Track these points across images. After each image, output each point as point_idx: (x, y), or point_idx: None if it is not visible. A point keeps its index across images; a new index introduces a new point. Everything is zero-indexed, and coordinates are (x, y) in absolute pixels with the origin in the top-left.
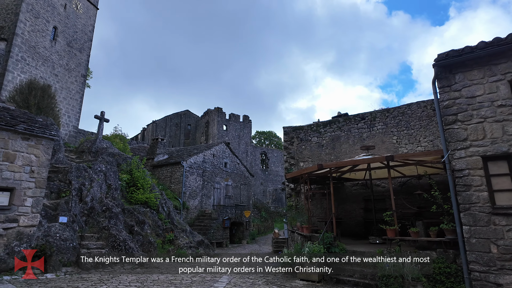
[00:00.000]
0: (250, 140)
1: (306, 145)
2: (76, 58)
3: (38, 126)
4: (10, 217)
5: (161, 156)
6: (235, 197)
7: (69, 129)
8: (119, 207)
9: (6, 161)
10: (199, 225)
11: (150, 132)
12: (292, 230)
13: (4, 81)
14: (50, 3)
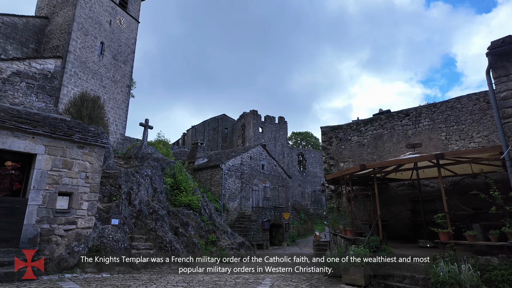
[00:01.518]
0: (286, 141)
1: (346, 144)
2: (121, 70)
3: (91, 135)
4: (69, 220)
5: (201, 160)
6: (273, 199)
7: (117, 136)
8: (164, 210)
9: (65, 168)
10: (239, 227)
11: (189, 137)
12: (334, 233)
13: (60, 95)
14: (97, 21)
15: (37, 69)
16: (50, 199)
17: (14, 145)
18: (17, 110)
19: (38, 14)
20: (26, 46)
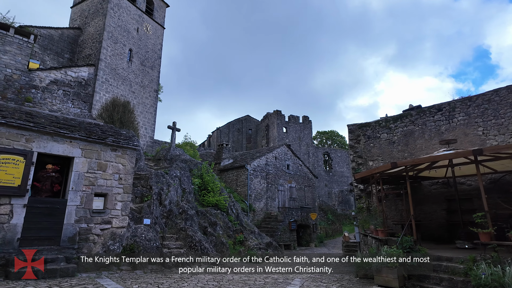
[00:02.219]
0: (311, 141)
1: (375, 142)
2: (149, 76)
3: (123, 138)
4: (105, 219)
5: (227, 161)
6: (300, 199)
7: (146, 139)
8: (193, 210)
9: (99, 170)
10: (265, 227)
11: (215, 138)
12: (365, 233)
13: (93, 101)
14: (126, 29)
15: (72, 77)
16: (87, 199)
17: (53, 149)
18: (55, 116)
19: (71, 26)
20: (62, 56)
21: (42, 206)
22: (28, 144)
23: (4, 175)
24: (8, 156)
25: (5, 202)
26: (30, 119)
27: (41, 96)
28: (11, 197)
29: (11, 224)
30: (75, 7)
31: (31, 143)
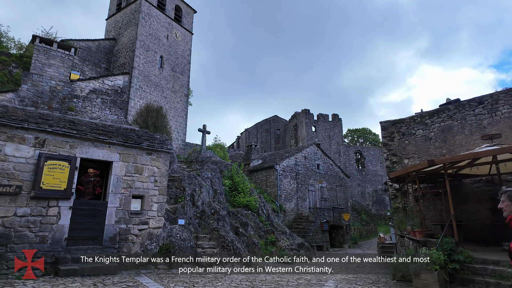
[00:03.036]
0: (341, 139)
1: (410, 139)
2: (179, 81)
3: (157, 142)
4: (142, 220)
5: (256, 162)
6: (331, 200)
7: (178, 142)
8: (224, 210)
9: (136, 173)
10: (297, 228)
11: (243, 139)
12: (401, 234)
13: (129, 107)
14: (156, 36)
15: (109, 85)
16: (125, 201)
17: (94, 154)
18: (95, 124)
19: (107, 37)
20: (99, 66)
21: (86, 208)
22: (72, 150)
23: (52, 179)
24: (55, 162)
25: (53, 204)
26: (73, 127)
27: (82, 104)
28: (59, 200)
29: (59, 224)
30: (109, 19)
31: (74, 149)
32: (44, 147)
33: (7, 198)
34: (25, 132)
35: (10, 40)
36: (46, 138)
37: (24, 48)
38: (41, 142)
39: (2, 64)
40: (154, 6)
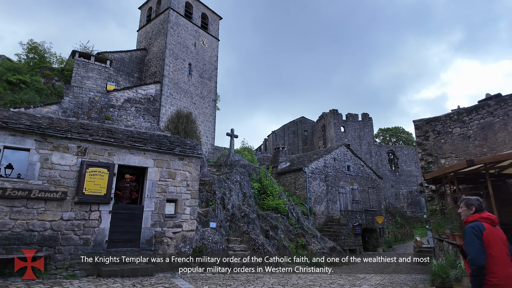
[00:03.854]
0: (372, 139)
1: (446, 138)
2: (207, 87)
3: (188, 148)
4: (176, 223)
5: (284, 164)
6: (363, 202)
7: (207, 147)
8: (254, 213)
9: (170, 178)
10: (328, 231)
11: (270, 142)
12: (439, 238)
13: (161, 114)
14: (184, 45)
15: (142, 94)
16: (160, 205)
17: (131, 160)
18: (130, 131)
19: (138, 47)
20: (132, 75)
21: (124, 212)
22: (110, 158)
23: (93, 185)
24: (96, 169)
25: (95, 209)
26: (111, 135)
27: (118, 113)
28: (99, 205)
29: (100, 228)
30: (140, 30)
31: (112, 157)
32: (86, 155)
33: (54, 203)
34: (69, 142)
35: (53, 55)
36: (87, 146)
37: (65, 62)
38: (82, 150)
39: (46, 78)
40: (182, 15)
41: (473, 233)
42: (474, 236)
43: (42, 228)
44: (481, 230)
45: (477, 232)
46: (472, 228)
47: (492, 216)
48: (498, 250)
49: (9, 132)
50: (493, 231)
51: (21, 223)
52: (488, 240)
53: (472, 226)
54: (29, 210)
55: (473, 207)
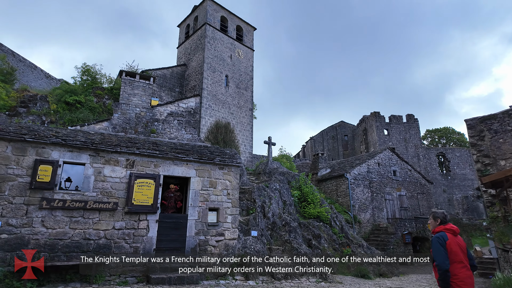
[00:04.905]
0: (419, 141)
1: (505, 137)
2: (244, 96)
3: (228, 157)
4: (219, 232)
5: (324, 170)
6: (413, 209)
7: (246, 155)
8: (295, 222)
9: (211, 187)
10: (374, 240)
11: (309, 148)
12: (504, 248)
13: (200, 125)
14: (221, 57)
15: (183, 108)
16: (203, 214)
17: (174, 171)
18: (173, 143)
19: (178, 63)
20: (173, 90)
21: (169, 221)
22: (156, 169)
23: (140, 196)
24: (143, 180)
25: (143, 218)
26: (156, 148)
27: (162, 127)
28: (147, 214)
29: (148, 236)
30: (180, 47)
31: (158, 168)
32: (134, 167)
33: (107, 213)
34: (119, 155)
35: (103, 76)
36: (135, 159)
37: (114, 81)
38: (131, 163)
39: (98, 97)
40: (218, 30)
41: (438, 242)
42: (439, 245)
43: (97, 236)
44: (444, 239)
45: (441, 241)
46: (437, 238)
47: (454, 227)
48: (458, 256)
49: (68, 148)
50: (454, 240)
51: (79, 232)
52: (451, 248)
53: (437, 236)
54: (85, 220)
55: (439, 219)
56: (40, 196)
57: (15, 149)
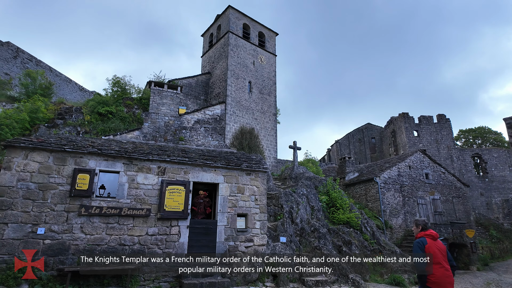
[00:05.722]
0: (452, 142)
1: None
2: (267, 102)
3: (254, 163)
4: (248, 238)
5: (351, 175)
6: (448, 213)
7: (271, 160)
8: (324, 228)
9: (239, 193)
10: (408, 246)
11: (334, 152)
12: None
13: (226, 132)
14: (244, 64)
15: (210, 115)
16: (231, 220)
17: (203, 177)
18: (201, 150)
19: (203, 72)
20: (199, 98)
21: (199, 226)
22: (185, 176)
23: (172, 202)
24: (174, 186)
25: (174, 224)
26: (185, 155)
27: (189, 134)
28: (178, 220)
29: (179, 242)
30: (204, 56)
31: (187, 175)
32: (165, 174)
33: (140, 220)
34: (150, 163)
35: (132, 87)
36: (166, 166)
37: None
38: (162, 170)
39: (127, 108)
40: (240, 37)
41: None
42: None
43: (131, 242)
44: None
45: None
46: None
47: (434, 232)
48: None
49: (103, 157)
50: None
51: (114, 238)
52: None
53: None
54: (120, 226)
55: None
56: (79, 203)
57: (56, 159)
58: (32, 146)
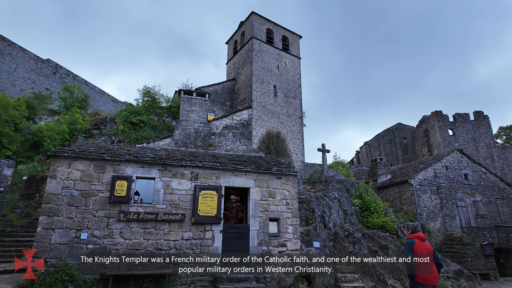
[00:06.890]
0: (492, 140)
1: None
2: (292, 105)
3: (284, 166)
4: (280, 242)
5: (384, 177)
6: (491, 216)
7: (298, 164)
8: (359, 232)
9: (270, 197)
10: (448, 252)
11: (363, 154)
12: None
13: (252, 136)
14: (268, 69)
15: (237, 120)
16: (263, 224)
17: (234, 182)
18: (230, 155)
19: (228, 78)
20: (225, 104)
21: (232, 231)
22: (217, 181)
23: (205, 207)
24: (207, 191)
25: (208, 229)
26: (216, 160)
27: (218, 140)
28: (212, 225)
29: (213, 246)
30: (229, 63)
31: (219, 180)
32: (198, 180)
33: (176, 224)
34: (184, 169)
35: (161, 96)
36: (198, 172)
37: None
38: (195, 175)
39: (158, 116)
40: (264, 42)
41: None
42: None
43: (167, 247)
44: (412, 244)
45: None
46: (407, 243)
47: (422, 234)
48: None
49: (139, 164)
50: (421, 244)
51: (152, 242)
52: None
53: (407, 242)
54: (157, 231)
55: (410, 229)
56: (118, 209)
57: (96, 167)
58: (75, 155)
